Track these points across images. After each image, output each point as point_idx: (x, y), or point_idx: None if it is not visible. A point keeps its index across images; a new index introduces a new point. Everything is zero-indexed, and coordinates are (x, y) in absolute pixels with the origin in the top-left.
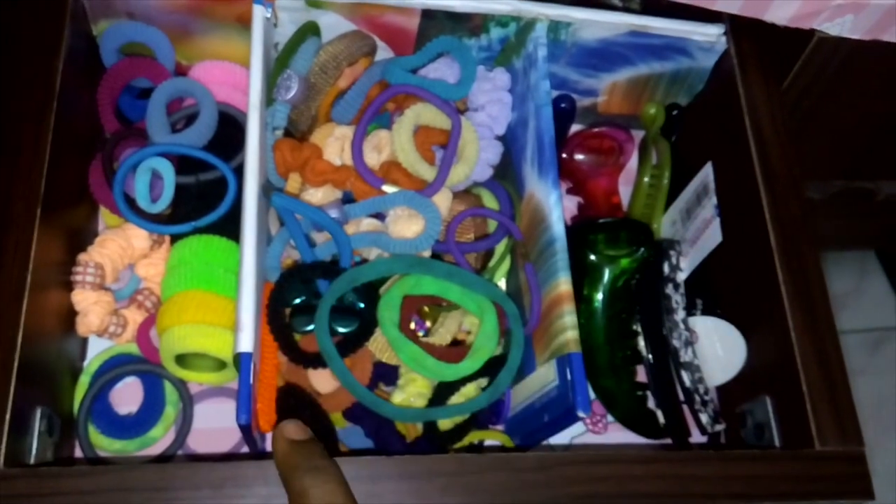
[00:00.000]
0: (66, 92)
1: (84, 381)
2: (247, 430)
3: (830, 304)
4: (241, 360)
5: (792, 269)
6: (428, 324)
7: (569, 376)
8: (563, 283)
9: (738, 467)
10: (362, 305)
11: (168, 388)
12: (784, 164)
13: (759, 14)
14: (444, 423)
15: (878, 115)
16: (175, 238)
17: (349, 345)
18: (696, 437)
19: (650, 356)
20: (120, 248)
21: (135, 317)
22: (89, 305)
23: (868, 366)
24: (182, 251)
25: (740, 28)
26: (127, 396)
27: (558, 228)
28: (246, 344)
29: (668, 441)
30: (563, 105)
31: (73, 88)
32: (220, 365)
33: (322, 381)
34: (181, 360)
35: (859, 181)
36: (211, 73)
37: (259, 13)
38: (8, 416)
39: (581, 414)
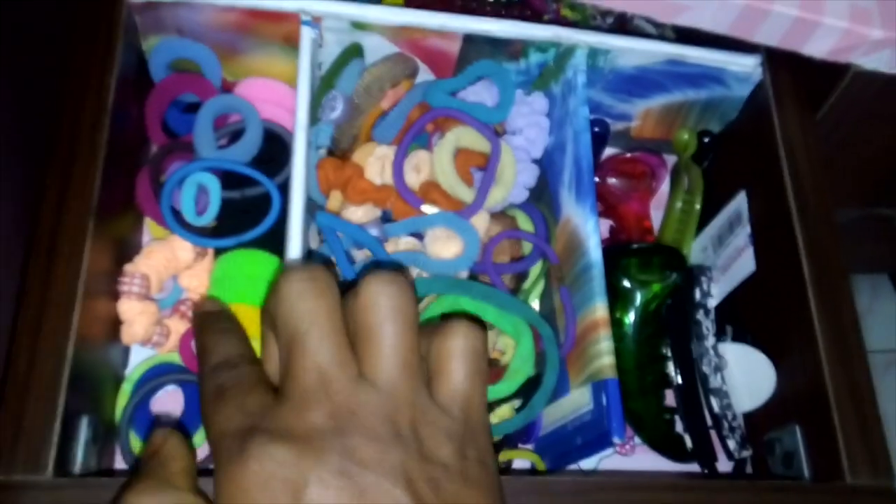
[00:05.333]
0: (118, 106)
1: (126, 388)
2: None
3: (861, 334)
4: None
5: (824, 299)
6: None
7: (604, 402)
8: (600, 309)
9: (770, 498)
10: None
11: None
12: (817, 194)
13: (796, 47)
14: None
15: None
16: (219, 251)
17: None
18: (721, 463)
19: (679, 381)
20: (165, 259)
21: (177, 327)
22: (134, 315)
23: (879, 387)
24: (226, 265)
25: (776, 60)
26: (167, 405)
27: (596, 255)
28: None
29: (695, 465)
30: (596, 129)
31: (124, 103)
32: None
33: None
34: None
35: (878, 208)
36: (256, 90)
37: (307, 34)
38: (58, 425)
39: (616, 440)
